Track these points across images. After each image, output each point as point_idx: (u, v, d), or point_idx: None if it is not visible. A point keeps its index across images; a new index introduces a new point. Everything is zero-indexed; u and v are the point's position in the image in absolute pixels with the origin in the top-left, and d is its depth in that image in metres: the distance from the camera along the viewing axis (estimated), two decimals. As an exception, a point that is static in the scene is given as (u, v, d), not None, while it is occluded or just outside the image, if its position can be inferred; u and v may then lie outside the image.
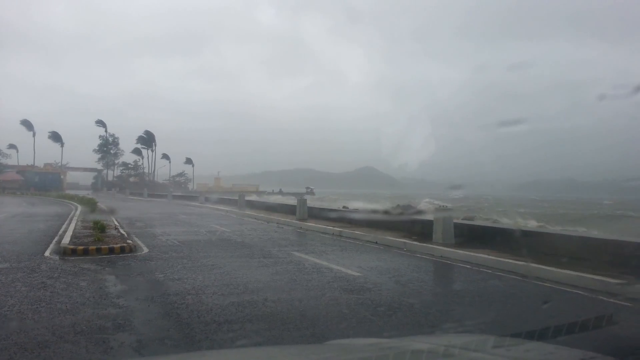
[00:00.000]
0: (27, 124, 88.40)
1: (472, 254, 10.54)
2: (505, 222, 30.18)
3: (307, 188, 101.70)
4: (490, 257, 10.06)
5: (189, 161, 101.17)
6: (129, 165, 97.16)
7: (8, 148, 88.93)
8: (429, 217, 14.56)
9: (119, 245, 11.35)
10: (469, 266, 9.91)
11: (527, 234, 12.25)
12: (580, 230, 23.28)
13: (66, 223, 18.18)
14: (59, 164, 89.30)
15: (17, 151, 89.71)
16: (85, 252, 10.71)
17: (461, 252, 10.82)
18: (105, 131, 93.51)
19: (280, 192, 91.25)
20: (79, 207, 28.91)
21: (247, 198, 31.43)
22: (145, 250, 11.62)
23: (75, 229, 15.35)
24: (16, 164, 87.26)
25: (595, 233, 17.26)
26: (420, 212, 23.54)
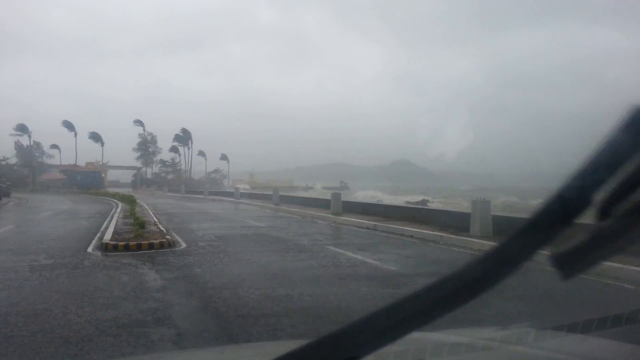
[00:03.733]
0: (68, 125, 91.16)
1: (510, 246, 10.29)
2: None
3: (341, 182, 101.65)
4: (529, 249, 9.82)
5: (224, 157, 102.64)
6: (167, 163, 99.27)
7: (51, 148, 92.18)
8: (466, 209, 14.33)
9: (158, 240, 11.60)
10: (507, 259, 9.69)
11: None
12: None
13: (107, 220, 18.70)
14: (100, 163, 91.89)
15: (60, 151, 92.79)
16: (126, 248, 10.99)
17: (499, 245, 10.59)
18: (144, 130, 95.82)
19: (314, 187, 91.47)
20: (120, 204, 29.69)
21: (281, 193, 31.62)
22: (184, 245, 11.84)
23: (116, 225, 15.76)
24: (59, 163, 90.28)
25: None
26: None
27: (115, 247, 11.04)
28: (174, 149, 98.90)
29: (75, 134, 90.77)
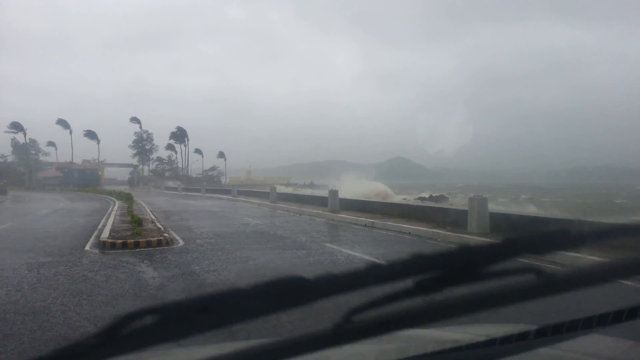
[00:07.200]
0: (63, 123, 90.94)
1: (508, 243, 10.31)
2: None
3: (339, 179, 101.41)
4: (527, 246, 9.84)
5: (221, 155, 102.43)
6: (164, 161, 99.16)
7: (47, 145, 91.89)
8: (463, 206, 14.34)
9: (156, 238, 11.59)
10: (505, 256, 9.72)
11: (566, 222, 11.94)
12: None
13: (105, 218, 18.67)
14: (97, 161, 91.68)
15: (56, 149, 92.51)
16: (124, 246, 10.97)
17: (497, 242, 10.61)
18: (140, 127, 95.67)
19: (312, 185, 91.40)
20: (117, 202, 29.63)
21: (278, 191, 31.60)
22: (181, 243, 11.83)
23: (113, 223, 15.74)
24: (55, 161, 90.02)
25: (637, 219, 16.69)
26: None
27: (113, 245, 11.02)
28: (170, 147, 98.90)
29: (71, 132, 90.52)
